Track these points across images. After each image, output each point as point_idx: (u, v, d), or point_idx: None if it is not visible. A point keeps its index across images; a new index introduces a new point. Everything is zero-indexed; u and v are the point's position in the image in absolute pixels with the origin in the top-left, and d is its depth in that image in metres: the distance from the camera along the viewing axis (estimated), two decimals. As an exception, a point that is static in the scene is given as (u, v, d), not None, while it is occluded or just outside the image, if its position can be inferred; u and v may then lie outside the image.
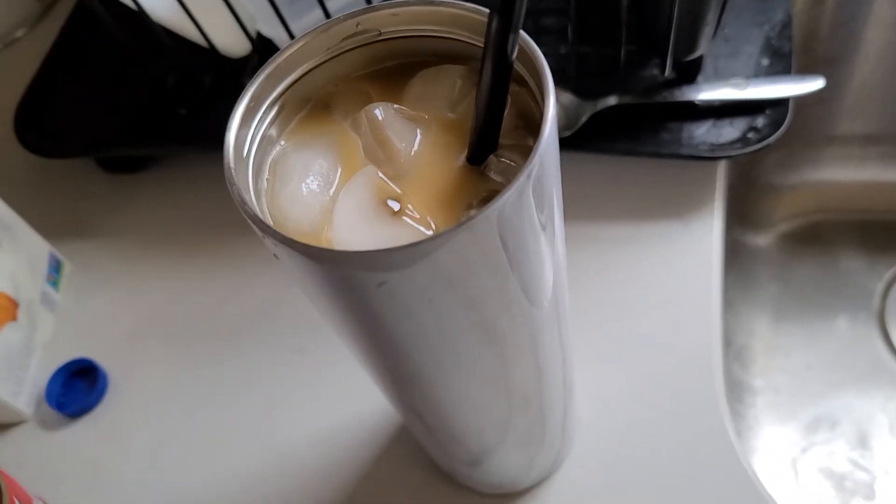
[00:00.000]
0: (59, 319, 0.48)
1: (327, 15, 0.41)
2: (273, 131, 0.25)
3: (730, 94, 0.44)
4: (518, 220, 0.21)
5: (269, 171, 0.24)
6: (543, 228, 0.23)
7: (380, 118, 0.24)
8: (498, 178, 0.23)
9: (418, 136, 0.24)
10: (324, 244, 0.22)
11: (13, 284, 0.44)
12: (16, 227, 0.46)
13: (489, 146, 0.23)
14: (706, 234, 0.43)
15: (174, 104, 0.50)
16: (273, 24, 0.44)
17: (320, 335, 0.44)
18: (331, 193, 0.24)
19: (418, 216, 0.23)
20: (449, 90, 0.25)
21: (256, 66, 0.49)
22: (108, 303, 0.49)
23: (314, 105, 0.26)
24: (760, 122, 0.44)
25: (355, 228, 0.22)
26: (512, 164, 0.23)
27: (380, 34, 0.25)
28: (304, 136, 0.25)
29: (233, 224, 0.51)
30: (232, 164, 0.22)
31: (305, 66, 0.25)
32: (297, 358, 0.44)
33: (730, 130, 0.44)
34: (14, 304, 0.44)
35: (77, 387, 0.45)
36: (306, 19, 0.42)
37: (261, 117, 0.24)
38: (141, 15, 0.45)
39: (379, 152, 0.24)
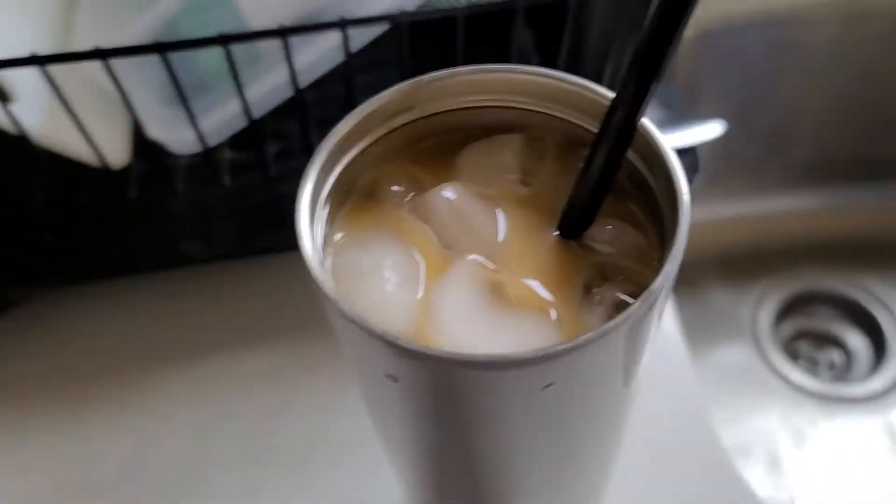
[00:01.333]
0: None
1: (247, 108, 0.36)
2: (324, 230, 0.21)
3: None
4: (661, 301, 0.19)
5: (332, 276, 0.20)
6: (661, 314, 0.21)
7: (454, 201, 0.21)
8: (604, 249, 0.21)
9: (500, 215, 0.21)
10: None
11: None
12: None
13: (588, 220, 0.21)
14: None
15: (37, 230, 0.42)
16: (167, 127, 0.38)
17: (271, 470, 0.38)
18: (420, 290, 0.20)
19: (535, 302, 0.20)
20: (514, 162, 0.22)
21: (140, 175, 0.43)
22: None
23: (357, 194, 0.22)
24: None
25: (469, 325, 0.19)
26: (615, 229, 0.21)
27: (425, 111, 0.22)
28: (359, 231, 0.21)
29: (131, 363, 0.43)
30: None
31: (349, 154, 0.21)
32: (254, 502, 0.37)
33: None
34: None
35: None
36: (215, 116, 0.37)
37: (316, 221, 0.20)
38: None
39: (463, 238, 0.21)
